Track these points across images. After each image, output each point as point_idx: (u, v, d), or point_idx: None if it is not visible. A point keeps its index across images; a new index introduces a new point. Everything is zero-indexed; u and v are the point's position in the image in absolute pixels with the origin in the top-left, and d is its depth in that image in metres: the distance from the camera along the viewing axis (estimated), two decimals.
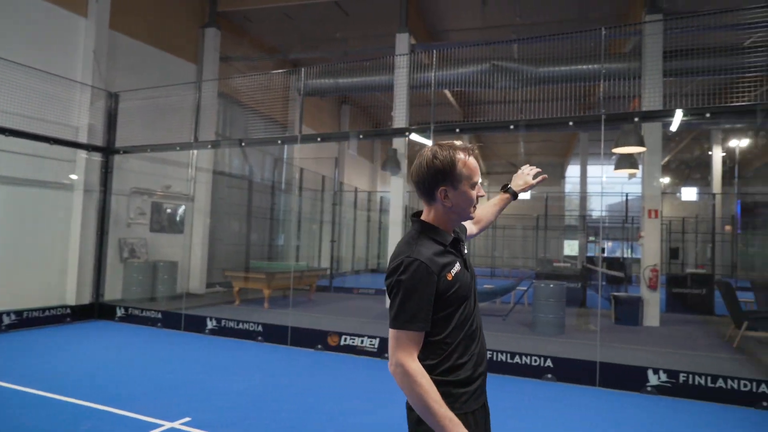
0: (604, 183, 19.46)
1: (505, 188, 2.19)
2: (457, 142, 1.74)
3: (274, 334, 7.22)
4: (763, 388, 5.00)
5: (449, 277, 1.63)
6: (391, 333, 1.62)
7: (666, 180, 25.91)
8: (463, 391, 1.66)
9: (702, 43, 9.75)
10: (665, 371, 5.31)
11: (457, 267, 1.68)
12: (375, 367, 6.14)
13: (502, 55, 11.24)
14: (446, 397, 1.59)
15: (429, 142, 10.75)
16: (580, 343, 7.29)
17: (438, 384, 1.60)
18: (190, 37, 11.69)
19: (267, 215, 14.78)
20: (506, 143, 24.39)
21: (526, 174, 2.22)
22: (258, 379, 5.47)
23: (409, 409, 1.69)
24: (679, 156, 23.18)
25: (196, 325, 7.81)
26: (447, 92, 15.43)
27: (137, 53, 10.26)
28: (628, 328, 9.04)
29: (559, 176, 28.35)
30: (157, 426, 4.01)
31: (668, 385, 5.27)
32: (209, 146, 10.26)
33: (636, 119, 6.25)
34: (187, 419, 4.18)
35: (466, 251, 1.81)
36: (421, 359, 1.63)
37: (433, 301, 1.61)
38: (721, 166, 19.19)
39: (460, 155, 1.68)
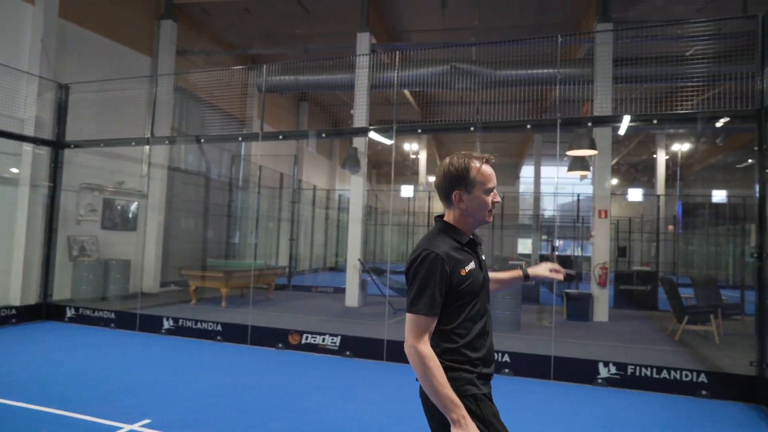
0: (556, 183, 20.12)
1: (522, 268, 2.23)
2: (474, 152, 1.91)
3: (234, 334, 7.14)
4: (702, 377, 5.34)
5: (463, 273, 1.80)
6: (408, 317, 1.79)
7: (614, 181, 27.01)
8: (471, 377, 1.81)
9: (649, 52, 10.25)
10: (615, 364, 5.59)
11: (471, 265, 1.85)
12: (337, 365, 6.18)
13: (461, 57, 11.45)
14: (455, 381, 1.76)
15: (389, 141, 10.87)
16: (535, 338, 7.55)
17: (449, 368, 1.77)
18: (145, 28, 11.35)
19: (224, 213, 14.53)
20: (463, 143, 24.82)
21: (546, 267, 2.21)
22: (219, 379, 5.41)
23: (423, 395, 1.86)
24: (627, 158, 24.23)
25: (151, 325, 7.62)
26: (406, 92, 15.58)
27: (89, 44, 9.88)
28: (580, 323, 9.41)
29: (514, 176, 29.10)
30: (117, 429, 3.92)
31: (618, 377, 5.55)
32: (167, 142, 10.00)
33: (589, 124, 6.53)
34: (146, 421, 4.11)
35: (483, 256, 1.97)
36: (434, 345, 1.79)
37: (446, 292, 1.78)
38: (664, 169, 20.17)
39: (475, 163, 1.87)
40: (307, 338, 6.76)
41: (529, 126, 6.35)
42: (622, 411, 4.85)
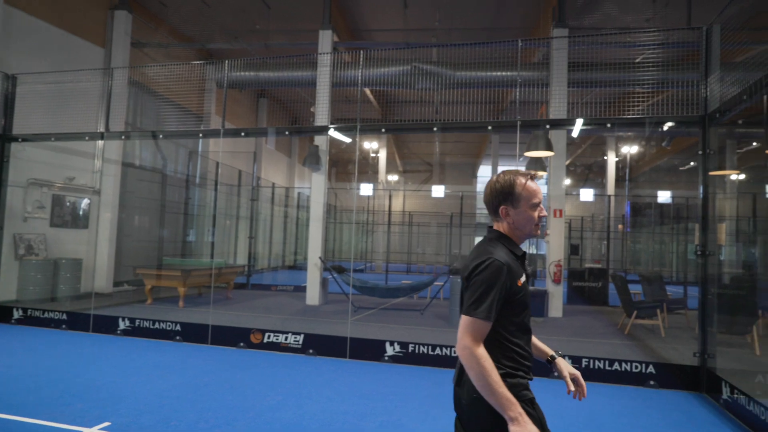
0: None
1: (554, 356, 2.16)
2: (521, 169, 2.00)
3: (194, 333, 7.02)
4: (650, 369, 5.63)
5: (519, 284, 1.88)
6: (464, 319, 1.81)
7: (568, 182, 27.91)
8: (526, 382, 1.90)
9: (602, 58, 10.67)
10: (569, 357, 5.82)
11: (523, 278, 1.92)
12: (300, 363, 6.17)
13: (422, 57, 11.60)
14: (515, 387, 1.82)
15: (348, 140, 10.90)
16: None
17: (508, 375, 1.83)
18: (98, 18, 10.95)
19: (180, 210, 14.19)
20: (421, 142, 25.10)
21: (569, 372, 2.11)
22: (180, 380, 5.31)
23: (477, 402, 1.84)
24: (580, 160, 25.07)
25: (106, 325, 7.39)
26: (367, 91, 15.63)
27: (37, 32, 9.46)
28: (535, 319, 9.71)
29: (471, 176, 29.61)
30: None
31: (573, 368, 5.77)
32: (123, 137, 9.69)
33: (547, 126, 6.75)
34: (106, 424, 4.01)
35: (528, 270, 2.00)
36: (494, 351, 1.83)
37: (504, 301, 1.84)
38: (614, 170, 20.99)
39: (520, 179, 1.94)
40: (269, 337, 6.72)
41: (490, 127, 6.52)
42: (577, 402, 5.06)
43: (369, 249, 23.76)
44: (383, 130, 7.03)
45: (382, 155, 22.95)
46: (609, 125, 6.22)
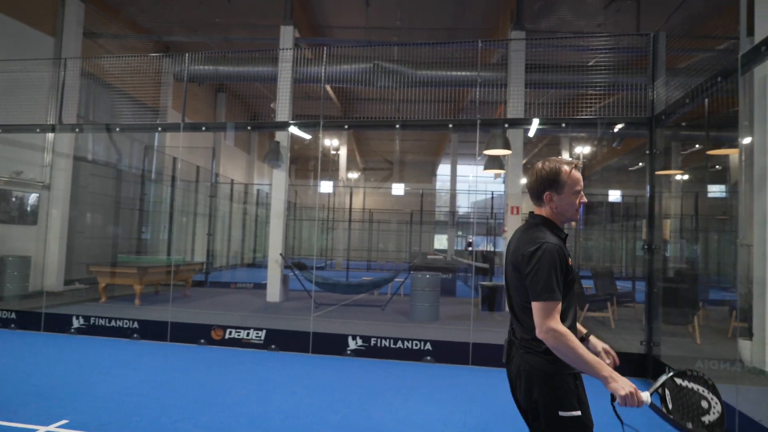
0: (472, 181, 21.03)
1: (588, 334, 2.30)
2: (565, 158, 2.10)
3: (153, 331, 6.89)
4: None
5: (569, 263, 2.00)
6: (540, 305, 1.91)
7: (524, 180, 28.63)
8: None
9: (557, 60, 11.03)
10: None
11: (570, 257, 2.03)
12: (263, 359, 6.17)
13: (384, 55, 11.68)
14: (564, 363, 1.92)
15: (308, 137, 10.89)
16: (453, 328, 7.94)
17: None
18: (48, 6, 10.52)
19: (136, 206, 13.81)
20: (381, 140, 25.24)
21: (605, 355, 2.23)
22: (139, 377, 5.23)
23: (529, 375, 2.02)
24: (536, 158, 25.74)
25: (59, 324, 7.15)
26: (328, 87, 15.60)
27: None
28: (493, 313, 9.98)
29: (431, 174, 29.97)
30: (32, 431, 3.71)
31: None
32: (76, 129, 9.36)
33: (506, 125, 6.97)
34: (64, 422, 3.92)
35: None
36: None
37: (564, 277, 1.96)
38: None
39: (565, 167, 2.04)
40: (231, 333, 6.68)
41: (450, 125, 6.68)
42: None
43: (330, 246, 23.72)
44: (346, 126, 7.10)
45: (343, 152, 22.95)
46: (563, 125, 6.48)
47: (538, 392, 1.98)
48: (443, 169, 28.55)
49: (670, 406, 1.90)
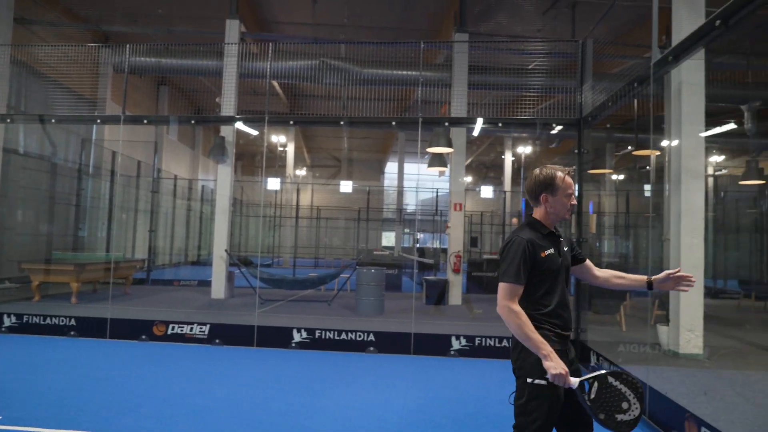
0: (418, 179, 21.39)
1: (650, 281, 2.48)
2: (559, 166, 2.44)
3: (91, 328, 6.73)
4: None
5: (543, 255, 2.33)
6: (500, 286, 2.31)
7: (469, 179, 29.41)
8: (549, 334, 2.29)
9: (498, 63, 11.47)
10: (465, 337, 6.34)
11: (550, 250, 2.35)
12: (207, 353, 6.16)
13: (331, 53, 11.77)
14: (545, 332, 2.26)
15: (254, 132, 10.84)
16: (397, 321, 8.16)
17: (541, 324, 2.30)
18: None
19: (72, 201, 13.27)
20: (329, 137, 25.24)
21: (674, 277, 2.43)
22: (77, 374, 5.13)
23: (513, 346, 2.38)
24: (480, 158, 26.49)
25: None
26: (275, 83, 15.51)
27: None
28: (437, 307, 10.30)
29: (379, 171, 30.23)
30: None
31: (467, 348, 6.30)
32: (8, 120, 8.94)
33: (446, 123, 7.23)
34: None
35: (565, 248, 2.46)
36: (526, 309, 2.30)
37: (531, 268, 2.31)
38: (510, 167, 22.46)
39: (559, 173, 2.41)
40: (173, 328, 6.62)
41: (393, 123, 6.88)
42: (469, 375, 5.56)
43: (277, 243, 23.52)
44: (291, 122, 7.17)
45: (290, 149, 22.81)
46: (499, 125, 6.81)
47: (515, 358, 2.36)
48: (392, 167, 28.84)
49: (592, 396, 2.16)
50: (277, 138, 22.00)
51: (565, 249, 2.48)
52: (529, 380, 2.26)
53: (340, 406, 4.42)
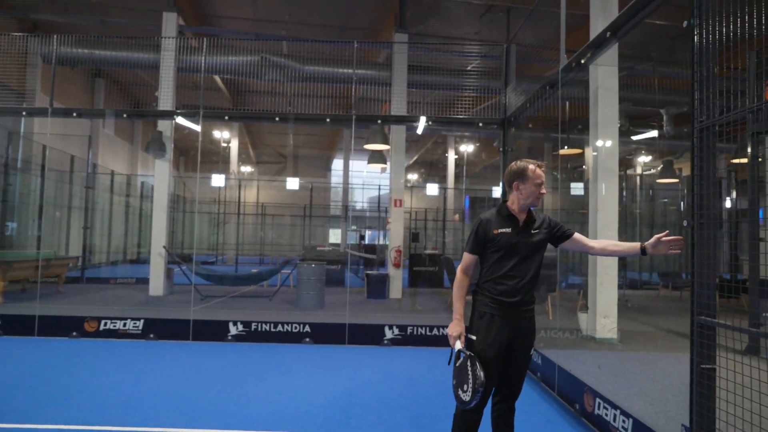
0: (364, 177, 21.61)
1: (644, 247, 2.67)
2: (532, 160, 2.82)
3: (17, 325, 6.54)
4: None
5: (495, 232, 2.74)
6: (464, 254, 2.84)
7: (414, 176, 29.91)
8: (491, 300, 2.72)
9: (436, 63, 11.82)
10: (397, 326, 6.61)
11: (504, 229, 2.74)
12: (140, 348, 6.14)
13: (272, 49, 11.77)
14: (478, 301, 2.77)
15: (197, 127, 10.69)
16: (334, 313, 8.35)
17: (478, 292, 2.79)
18: None
19: None
20: (275, 134, 25.05)
21: (664, 241, 2.59)
22: (2, 371, 5.03)
23: None
24: (426, 157, 27.00)
25: None
26: (218, 79, 15.32)
27: None
28: (378, 300, 10.55)
29: (326, 169, 30.24)
30: None
31: (400, 337, 6.57)
32: None
33: (379, 121, 7.47)
34: None
35: (536, 230, 2.78)
36: (481, 276, 2.79)
37: (484, 241, 2.75)
38: (453, 166, 23.05)
39: (531, 165, 2.77)
40: (106, 324, 6.55)
41: (327, 120, 7.05)
42: (400, 362, 5.83)
43: (221, 241, 23.16)
44: (227, 117, 7.20)
45: (234, 145, 22.50)
46: (430, 123, 7.10)
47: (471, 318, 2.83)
48: (338, 164, 28.91)
49: (457, 364, 2.70)
50: (221, 134, 21.67)
51: (536, 231, 2.80)
52: (468, 335, 2.79)
53: (270, 394, 4.57)
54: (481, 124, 7.00)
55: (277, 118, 6.90)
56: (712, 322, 2.62)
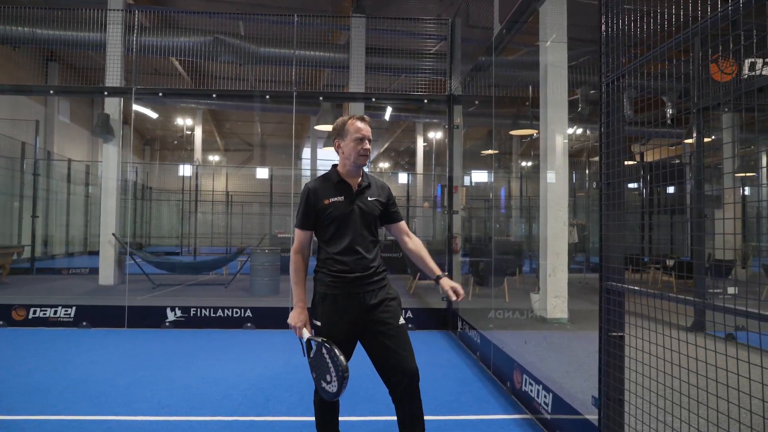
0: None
1: (439, 276, 2.55)
2: (356, 115, 2.47)
3: None
4: (408, 314, 6.49)
5: (326, 202, 2.39)
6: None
7: (386, 164, 29.73)
8: (327, 279, 2.42)
9: (397, 45, 11.58)
10: None
11: (337, 198, 2.40)
12: (70, 336, 5.85)
13: (227, 29, 11.37)
14: (317, 280, 2.46)
15: (155, 115, 10.35)
16: (276, 298, 8.14)
17: (317, 270, 2.47)
18: None
19: None
20: (242, 122, 24.56)
21: (450, 287, 2.49)
22: None
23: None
24: (394, 144, 26.82)
25: None
26: (175, 61, 14.83)
27: None
28: None
29: (297, 157, 29.79)
30: None
31: None
32: None
33: (321, 98, 7.24)
34: None
35: (371, 198, 2.47)
36: (319, 253, 2.46)
37: (316, 215, 2.41)
38: (422, 152, 22.91)
39: (350, 119, 2.42)
40: (35, 312, 6.23)
41: (267, 97, 6.80)
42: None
43: (186, 231, 22.68)
44: (160, 93, 6.89)
45: (198, 132, 21.98)
46: (374, 100, 6.91)
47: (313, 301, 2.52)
48: (308, 153, 28.47)
49: (311, 356, 2.38)
50: (184, 121, 21.12)
51: (371, 199, 2.47)
52: (314, 320, 2.47)
53: (192, 379, 4.35)
54: (426, 101, 6.83)
55: (214, 95, 6.63)
56: (620, 288, 2.49)
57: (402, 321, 2.51)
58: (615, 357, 2.50)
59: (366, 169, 2.60)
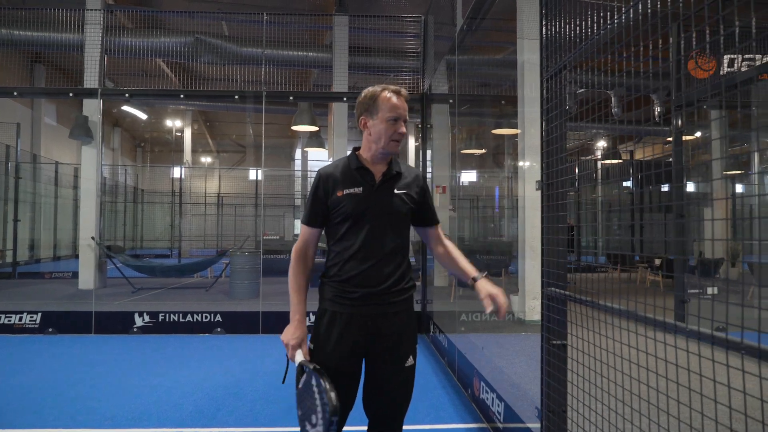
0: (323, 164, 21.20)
1: (475, 278, 1.96)
2: (393, 85, 1.90)
3: None
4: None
5: (339, 194, 1.85)
6: None
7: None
8: (331, 293, 1.90)
9: (378, 44, 11.44)
10: (314, 313, 6.30)
11: (352, 189, 1.86)
12: (34, 343, 5.72)
13: (210, 30, 11.24)
14: (327, 288, 1.92)
15: (144, 116, 10.21)
16: (270, 303, 8.00)
17: (328, 277, 1.92)
18: None
19: None
20: (235, 123, 24.45)
21: (488, 293, 1.87)
22: None
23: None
24: None
25: None
26: (161, 63, 14.69)
27: None
28: (313, 289, 10.21)
29: (290, 158, 29.68)
30: None
31: None
32: None
33: (291, 98, 7.10)
34: None
35: (400, 191, 1.90)
36: (327, 257, 1.94)
37: (326, 206, 1.88)
38: (414, 151, 22.79)
39: (385, 93, 1.85)
40: (0, 319, 6.10)
41: (236, 97, 6.68)
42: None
43: (177, 233, 22.54)
44: (127, 95, 6.76)
45: (187, 134, 21.85)
46: (344, 99, 6.77)
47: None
48: (313, 154, 28.29)
49: (300, 386, 1.81)
50: (173, 123, 20.99)
51: (399, 192, 1.91)
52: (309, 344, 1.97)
53: (146, 388, 4.21)
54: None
55: (181, 95, 6.50)
56: (561, 294, 2.36)
57: (411, 362, 1.99)
58: (555, 367, 2.38)
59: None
